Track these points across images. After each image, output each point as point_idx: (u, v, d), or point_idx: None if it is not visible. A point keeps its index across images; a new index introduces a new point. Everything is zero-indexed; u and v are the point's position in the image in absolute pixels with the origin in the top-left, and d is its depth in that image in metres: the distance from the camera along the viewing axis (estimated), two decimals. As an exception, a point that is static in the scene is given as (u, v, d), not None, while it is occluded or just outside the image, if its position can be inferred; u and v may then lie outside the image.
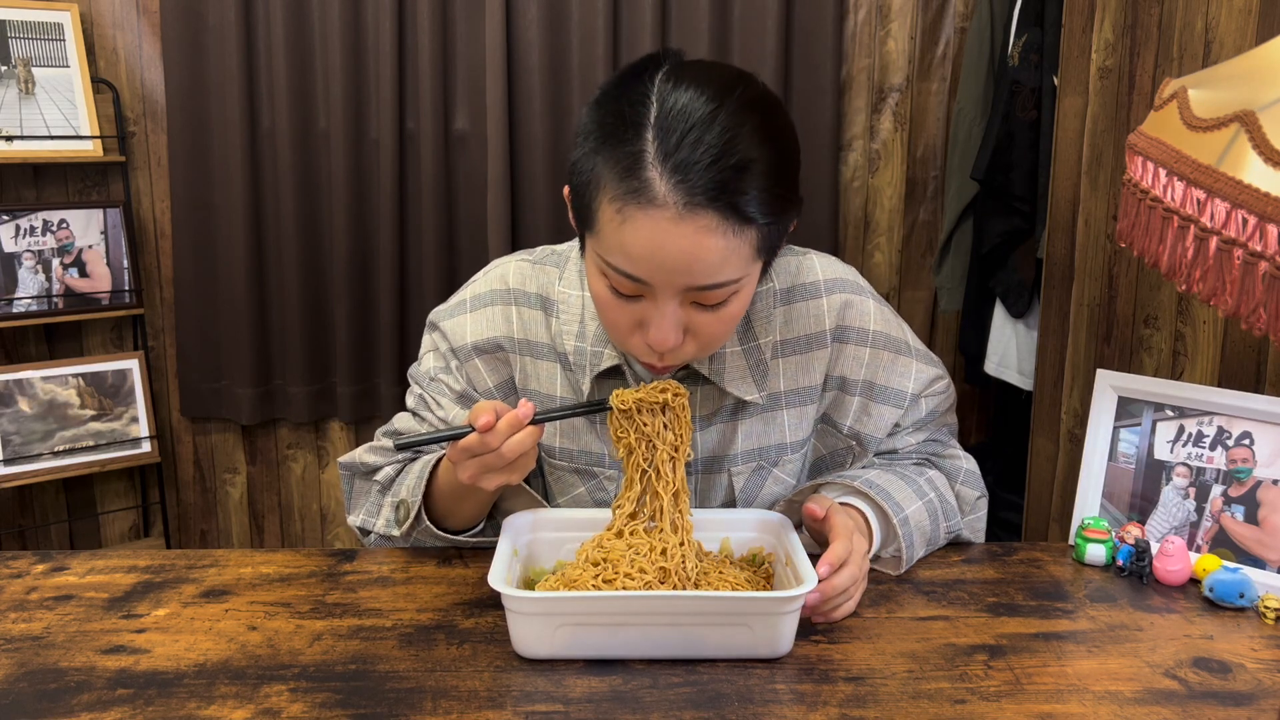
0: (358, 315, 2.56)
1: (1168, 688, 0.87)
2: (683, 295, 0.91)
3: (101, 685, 0.85)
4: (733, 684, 0.86)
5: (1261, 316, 0.64)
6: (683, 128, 0.86)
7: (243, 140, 2.47)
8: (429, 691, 0.84)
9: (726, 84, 0.89)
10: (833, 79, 2.48)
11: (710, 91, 0.88)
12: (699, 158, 0.85)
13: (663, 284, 0.90)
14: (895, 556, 1.08)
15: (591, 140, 0.91)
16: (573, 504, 1.15)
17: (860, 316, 1.13)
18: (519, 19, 2.43)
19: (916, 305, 2.66)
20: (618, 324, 0.96)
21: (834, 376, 1.14)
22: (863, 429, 1.15)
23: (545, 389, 1.12)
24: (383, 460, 1.14)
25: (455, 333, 1.14)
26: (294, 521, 2.79)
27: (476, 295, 1.15)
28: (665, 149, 0.86)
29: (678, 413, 0.97)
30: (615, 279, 0.92)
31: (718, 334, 0.97)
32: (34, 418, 2.41)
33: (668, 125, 0.86)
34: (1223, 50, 1.44)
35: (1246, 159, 0.64)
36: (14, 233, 2.39)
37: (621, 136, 0.88)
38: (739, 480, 1.14)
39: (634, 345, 0.97)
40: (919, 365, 1.16)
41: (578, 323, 1.10)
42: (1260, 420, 1.08)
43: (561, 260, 1.15)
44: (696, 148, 0.85)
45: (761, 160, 0.87)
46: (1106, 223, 1.75)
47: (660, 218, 0.86)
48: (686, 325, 0.94)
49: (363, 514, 1.15)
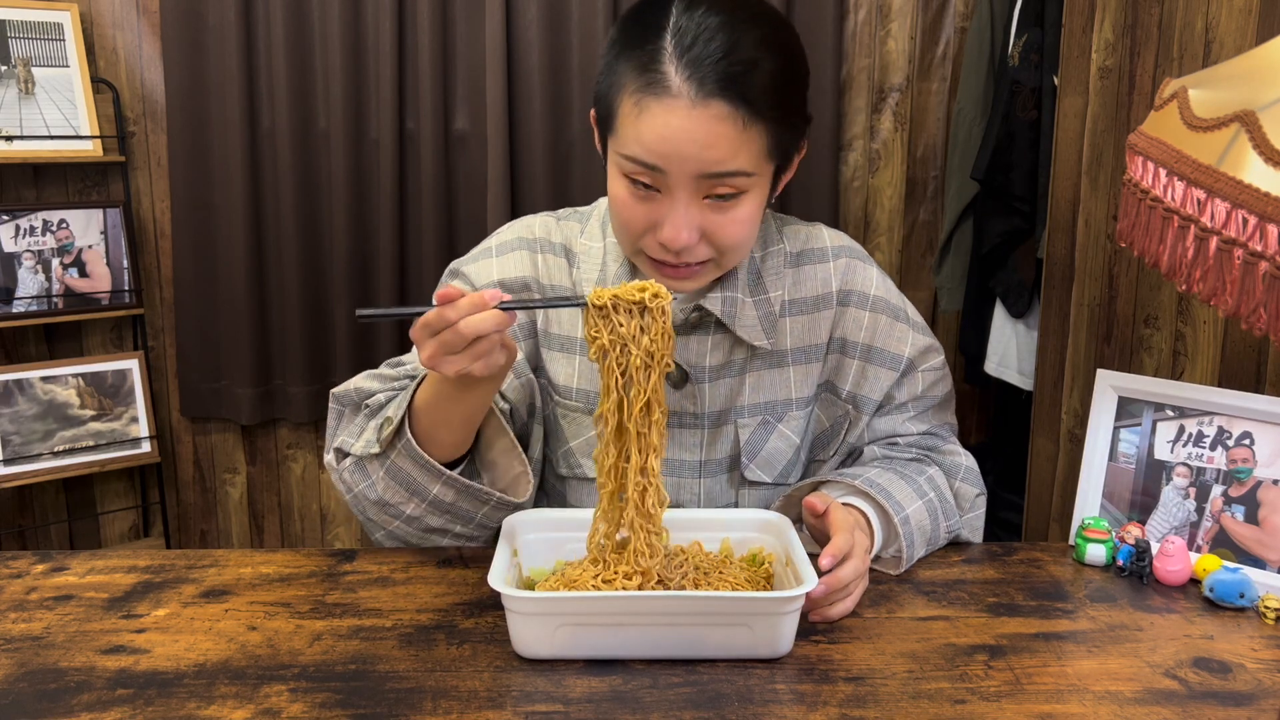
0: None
1: (1168, 688, 0.87)
2: (696, 187, 0.97)
3: (101, 685, 0.85)
4: (733, 684, 0.86)
5: (1261, 316, 0.64)
6: (699, 27, 0.96)
7: (243, 140, 2.46)
8: (429, 691, 0.84)
9: (740, 2, 1.00)
10: (833, 79, 2.48)
11: (725, 5, 0.98)
12: (711, 53, 0.95)
13: (677, 171, 0.96)
14: (895, 556, 1.08)
15: (615, 47, 1.01)
16: (585, 447, 1.16)
17: (863, 282, 1.19)
18: (519, 19, 2.43)
19: (917, 305, 2.62)
20: (633, 223, 1.01)
21: (836, 338, 1.19)
22: (859, 391, 1.19)
23: (567, 331, 1.16)
24: (379, 386, 1.11)
25: (479, 275, 1.16)
26: (294, 521, 2.79)
27: (503, 242, 1.18)
28: (681, 46, 0.95)
29: (655, 316, 0.90)
30: (632, 170, 0.98)
31: (729, 236, 1.01)
32: (34, 418, 2.41)
33: (685, 26, 0.96)
34: (1223, 50, 1.44)
35: (1247, 159, 0.64)
36: (14, 233, 2.39)
37: (641, 38, 0.98)
38: (744, 432, 1.16)
39: (648, 244, 1.01)
40: (915, 334, 1.21)
41: (598, 269, 1.14)
42: (1260, 420, 1.08)
43: (584, 217, 1.20)
44: (709, 44, 0.95)
45: (769, 61, 0.97)
46: (1106, 223, 1.75)
47: (675, 106, 0.95)
48: (700, 226, 0.99)
49: (343, 435, 1.10)
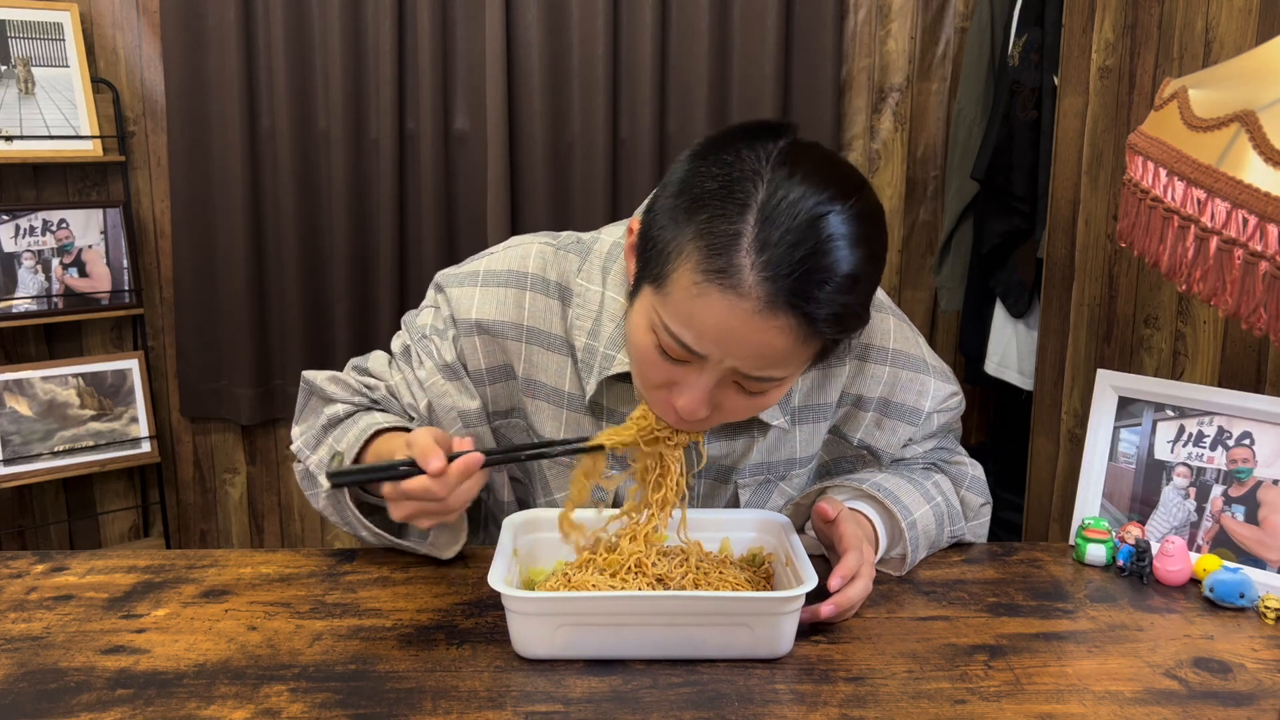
0: (358, 315, 2.56)
1: (1168, 688, 0.87)
2: (726, 375, 0.89)
3: (101, 685, 0.85)
4: (733, 684, 0.86)
5: (1262, 316, 0.64)
6: (787, 223, 0.82)
7: (243, 140, 2.47)
8: (429, 691, 0.84)
9: (844, 189, 0.85)
10: (833, 79, 2.48)
11: (827, 193, 0.84)
12: (795, 263, 0.82)
13: (715, 362, 0.87)
14: (899, 557, 1.08)
15: (685, 199, 0.86)
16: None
17: (881, 335, 1.12)
18: (519, 19, 2.43)
19: (917, 305, 2.66)
20: (650, 379, 0.93)
21: (850, 394, 1.13)
22: (874, 443, 1.15)
23: (552, 381, 1.10)
24: (341, 395, 1.10)
25: (460, 303, 1.10)
26: (294, 521, 2.79)
27: (491, 271, 1.11)
28: (764, 239, 0.82)
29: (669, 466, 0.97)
30: (667, 341, 0.88)
31: (743, 415, 0.95)
32: (34, 418, 2.41)
33: (773, 215, 0.83)
34: (1223, 50, 1.44)
35: (1247, 159, 0.64)
36: (14, 233, 2.39)
37: (721, 210, 0.84)
38: (744, 493, 1.13)
39: (659, 400, 0.94)
40: (936, 383, 1.15)
41: (592, 319, 1.08)
42: (1260, 420, 1.08)
43: (584, 250, 1.11)
44: (795, 250, 0.82)
45: (851, 278, 0.84)
46: (1106, 223, 1.75)
47: (738, 307, 0.83)
48: (718, 401, 0.92)
49: (303, 437, 1.11)
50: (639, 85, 2.44)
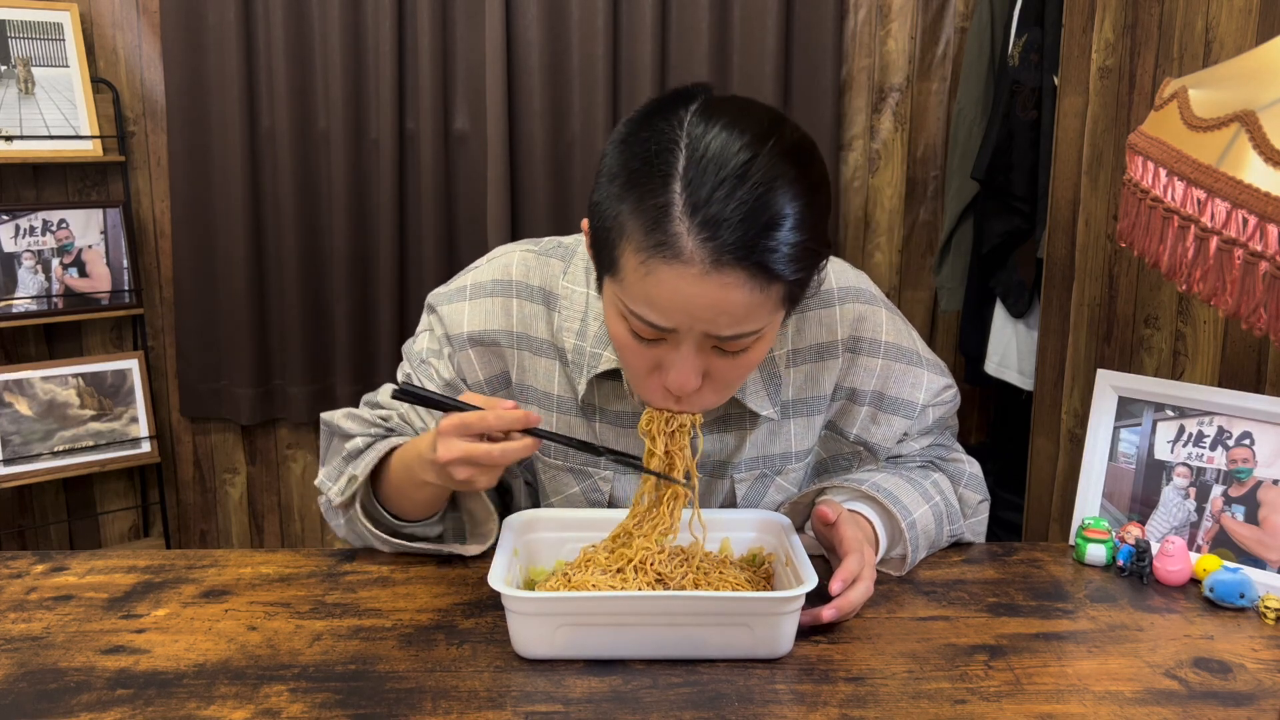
0: (358, 315, 2.56)
1: (1168, 688, 0.87)
2: (703, 341, 0.90)
3: (101, 685, 0.85)
4: (733, 684, 0.86)
5: (1262, 316, 0.64)
6: (713, 180, 0.82)
7: (243, 140, 2.47)
8: (429, 691, 0.84)
9: (761, 131, 0.85)
10: (833, 79, 2.48)
11: (744, 139, 0.84)
12: (729, 214, 0.82)
13: (685, 331, 0.88)
14: (899, 557, 1.08)
15: (616, 184, 0.87)
16: (566, 504, 1.14)
17: (873, 328, 1.13)
18: (519, 19, 2.43)
19: (917, 305, 2.66)
20: (636, 366, 0.95)
21: (844, 387, 1.13)
22: (870, 438, 1.15)
23: (542, 386, 1.11)
24: (358, 429, 1.12)
25: (452, 319, 1.12)
26: (294, 521, 2.79)
27: (478, 284, 1.13)
28: (694, 201, 0.82)
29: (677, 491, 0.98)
30: (636, 324, 0.90)
31: (735, 379, 0.96)
32: (34, 418, 2.41)
33: (697, 176, 0.83)
34: (1223, 50, 1.44)
35: (1247, 159, 0.64)
36: (14, 233, 2.39)
37: (648, 185, 0.84)
38: (741, 488, 1.13)
39: (651, 387, 0.95)
40: (930, 376, 1.16)
41: (579, 320, 1.09)
42: (1260, 420, 1.08)
43: (567, 254, 1.13)
44: (727, 203, 0.82)
45: (793, 215, 0.84)
46: (1106, 223, 1.75)
47: (686, 273, 0.84)
48: (705, 369, 0.92)
49: (325, 473, 1.14)
50: (639, 85, 2.44)
